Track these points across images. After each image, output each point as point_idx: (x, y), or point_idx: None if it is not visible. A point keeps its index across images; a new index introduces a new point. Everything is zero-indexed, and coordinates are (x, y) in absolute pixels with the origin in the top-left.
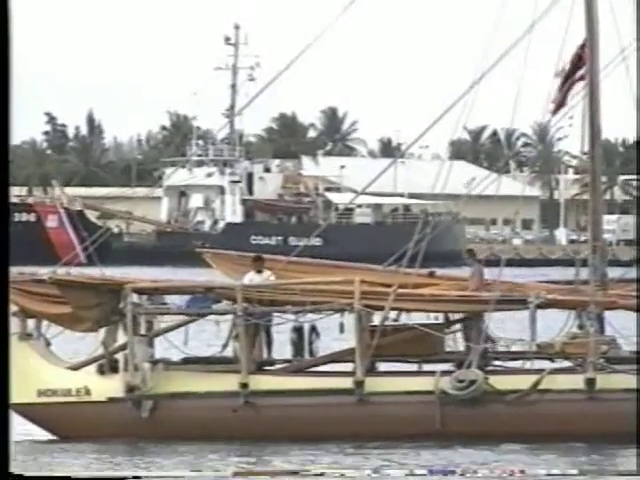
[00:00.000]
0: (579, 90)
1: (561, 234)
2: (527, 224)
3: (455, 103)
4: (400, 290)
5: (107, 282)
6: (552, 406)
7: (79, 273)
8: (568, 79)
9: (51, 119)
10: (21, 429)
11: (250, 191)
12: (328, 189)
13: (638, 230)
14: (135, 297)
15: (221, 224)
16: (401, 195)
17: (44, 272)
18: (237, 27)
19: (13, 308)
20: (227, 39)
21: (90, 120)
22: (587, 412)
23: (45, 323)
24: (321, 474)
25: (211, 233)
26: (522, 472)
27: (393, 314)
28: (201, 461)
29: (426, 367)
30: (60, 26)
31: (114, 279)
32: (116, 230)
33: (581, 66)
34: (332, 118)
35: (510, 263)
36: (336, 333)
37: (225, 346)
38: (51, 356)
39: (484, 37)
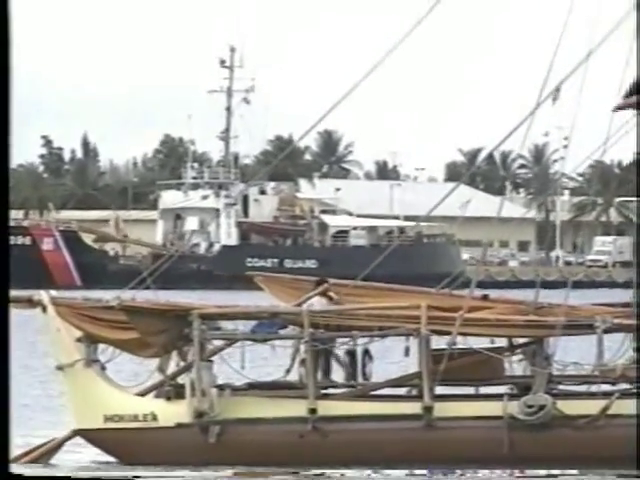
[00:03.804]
0: (631, 117)
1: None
2: (523, 246)
3: (512, 133)
4: (466, 315)
5: (174, 308)
6: (621, 431)
7: (144, 299)
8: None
9: (47, 142)
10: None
11: (245, 213)
12: (324, 211)
13: (637, 252)
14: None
15: (216, 247)
16: (396, 217)
17: (109, 297)
18: (232, 50)
19: (78, 334)
20: (222, 62)
21: (85, 143)
22: None
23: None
24: (321, 474)
25: (206, 256)
26: (522, 472)
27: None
28: None
29: (483, 390)
30: (54, 47)
31: (180, 305)
32: (112, 253)
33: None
34: (328, 140)
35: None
36: (389, 356)
37: (289, 371)
38: (113, 382)
39: (543, 64)
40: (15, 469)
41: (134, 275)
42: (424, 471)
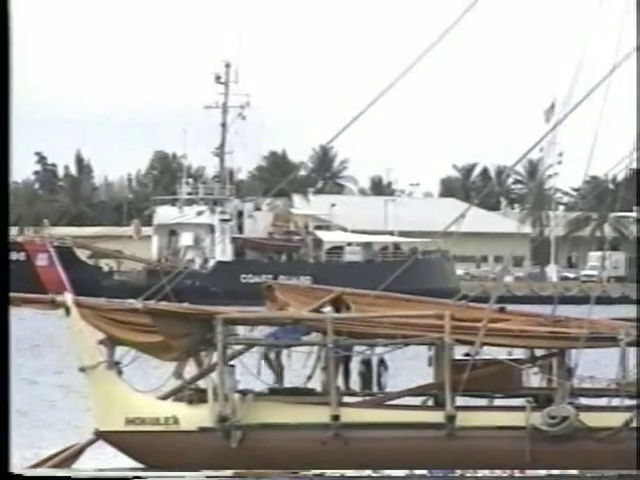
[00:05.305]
0: None
1: (552, 271)
2: (518, 261)
3: (532, 149)
4: (490, 325)
5: (198, 312)
6: None
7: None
8: None
9: (41, 159)
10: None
11: (240, 229)
12: (318, 227)
13: (638, 267)
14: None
15: (211, 263)
16: (391, 233)
17: (132, 301)
18: (228, 65)
19: (101, 336)
20: (217, 77)
21: (78, 159)
22: None
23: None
24: (321, 474)
25: (201, 272)
26: (522, 472)
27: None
28: None
29: (501, 401)
30: (46, 63)
31: (204, 309)
32: (106, 269)
33: None
34: (323, 157)
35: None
36: (400, 366)
37: (310, 377)
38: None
39: (567, 80)
40: (15, 469)
41: (128, 291)
42: (424, 471)
